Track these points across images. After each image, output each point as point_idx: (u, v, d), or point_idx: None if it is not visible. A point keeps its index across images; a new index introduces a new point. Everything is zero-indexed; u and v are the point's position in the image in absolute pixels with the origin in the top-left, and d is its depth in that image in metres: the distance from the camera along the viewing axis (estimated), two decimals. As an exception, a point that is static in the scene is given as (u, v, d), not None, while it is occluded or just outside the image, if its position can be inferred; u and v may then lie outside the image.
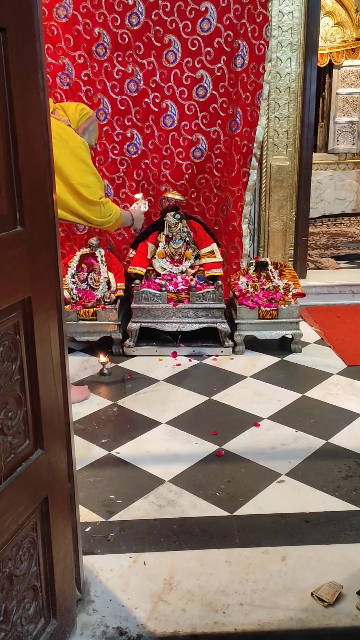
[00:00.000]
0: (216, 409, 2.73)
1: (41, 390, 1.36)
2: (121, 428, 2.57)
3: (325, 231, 5.53)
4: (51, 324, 1.38)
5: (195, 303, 3.29)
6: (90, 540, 1.90)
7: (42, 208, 1.31)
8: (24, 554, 1.36)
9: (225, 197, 3.65)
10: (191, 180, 3.65)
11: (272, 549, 1.85)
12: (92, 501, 2.09)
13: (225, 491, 2.13)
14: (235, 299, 3.35)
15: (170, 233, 3.49)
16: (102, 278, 3.38)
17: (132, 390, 2.92)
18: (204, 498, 2.10)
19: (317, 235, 5.40)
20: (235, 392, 2.90)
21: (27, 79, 1.21)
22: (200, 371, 3.15)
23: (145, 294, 3.29)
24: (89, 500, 2.10)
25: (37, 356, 1.33)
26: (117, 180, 3.63)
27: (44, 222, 1.32)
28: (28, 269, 1.28)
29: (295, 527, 1.95)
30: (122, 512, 2.03)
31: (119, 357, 3.30)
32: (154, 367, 3.18)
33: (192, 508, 2.05)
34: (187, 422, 2.61)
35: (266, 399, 2.81)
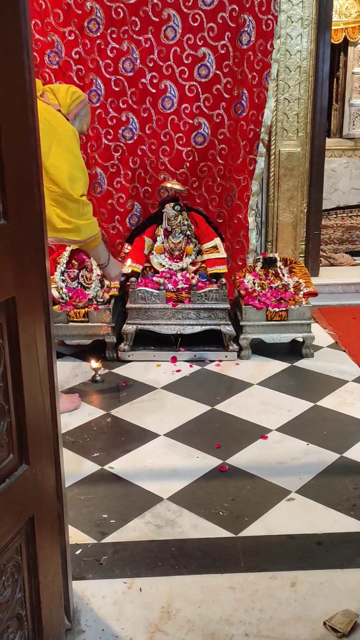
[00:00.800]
0: (220, 420, 2.73)
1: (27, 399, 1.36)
2: (115, 440, 2.57)
3: (340, 224, 5.53)
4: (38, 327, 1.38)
5: (197, 303, 3.30)
6: (80, 564, 1.90)
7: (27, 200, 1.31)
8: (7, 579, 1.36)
9: (230, 187, 3.66)
10: (192, 169, 3.66)
11: (281, 573, 1.85)
12: (83, 521, 2.09)
13: (229, 510, 2.13)
14: (241, 299, 3.35)
15: (170, 226, 3.50)
16: (95, 276, 3.38)
17: (128, 399, 2.92)
18: (206, 517, 2.10)
19: (331, 229, 5.41)
20: (240, 401, 2.90)
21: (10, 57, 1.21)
22: (202, 378, 3.15)
23: (141, 294, 3.30)
24: (80, 520, 2.10)
25: (22, 362, 1.33)
26: (111, 169, 3.64)
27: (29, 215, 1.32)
28: (12, 266, 1.28)
29: (306, 549, 1.95)
30: (116, 533, 2.04)
31: (112, 363, 3.31)
32: (152, 374, 3.19)
33: (193, 528, 2.05)
34: (187, 434, 2.61)
35: (275, 409, 2.81)
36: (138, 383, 3.09)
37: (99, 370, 3.11)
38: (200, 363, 3.30)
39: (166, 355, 3.32)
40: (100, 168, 3.63)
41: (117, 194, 3.67)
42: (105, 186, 3.66)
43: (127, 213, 3.71)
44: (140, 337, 3.39)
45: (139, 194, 3.72)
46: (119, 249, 3.73)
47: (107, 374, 3.19)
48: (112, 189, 3.68)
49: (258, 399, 2.91)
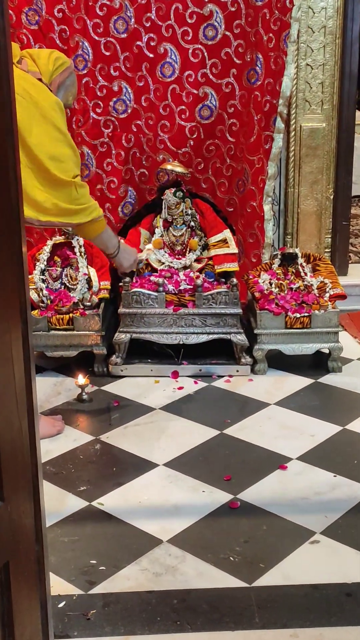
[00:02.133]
0: (230, 447, 2.73)
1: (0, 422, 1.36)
2: (105, 471, 2.57)
3: (373, 213, 5.54)
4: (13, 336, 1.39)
5: (203, 308, 3.31)
6: (64, 619, 1.90)
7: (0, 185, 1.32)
8: (-23, 637, 1.36)
9: (242, 169, 3.67)
10: (197, 148, 3.67)
11: (303, 630, 1.85)
12: (67, 568, 2.09)
13: (241, 555, 2.13)
14: (255, 303, 3.36)
15: (170, 216, 3.51)
16: (81, 275, 3.39)
17: (120, 422, 2.92)
18: (214, 564, 2.10)
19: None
20: (254, 424, 2.90)
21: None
22: (209, 397, 3.15)
23: (137, 296, 3.31)
24: (64, 566, 2.10)
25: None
26: (100, 148, 3.65)
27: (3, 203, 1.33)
28: (-17, 265, 1.29)
29: (333, 602, 1.94)
30: (106, 582, 2.04)
31: (102, 378, 3.31)
32: (149, 392, 3.19)
33: (198, 577, 2.05)
34: (191, 463, 2.61)
35: (296, 434, 2.81)
36: (132, 403, 3.09)
37: (86, 387, 3.12)
38: (207, 379, 3.30)
39: (166, 370, 3.33)
40: (87, 147, 3.64)
41: (108, 177, 3.68)
42: (93, 168, 3.68)
43: (120, 200, 3.72)
44: (136, 348, 3.39)
45: (133, 178, 3.73)
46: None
47: (95, 391, 3.20)
48: (101, 172, 3.69)
49: (276, 422, 2.91)
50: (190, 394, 3.17)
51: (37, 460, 1.49)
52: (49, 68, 2.57)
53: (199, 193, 3.71)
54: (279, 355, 3.38)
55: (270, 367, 3.37)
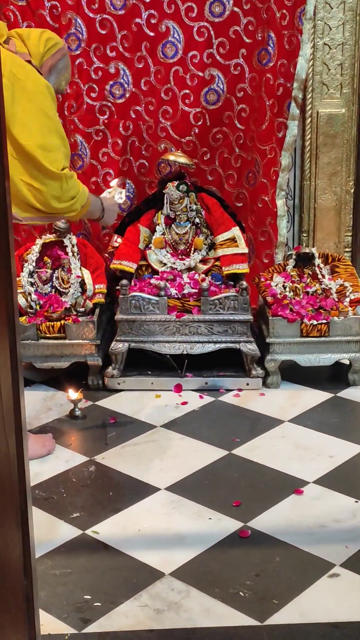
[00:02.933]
0: (239, 469, 2.73)
1: (-16, 441, 1.36)
2: (101, 496, 2.57)
3: None
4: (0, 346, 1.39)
5: (209, 314, 3.31)
6: (55, 661, 1.90)
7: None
8: None
9: (252, 160, 3.68)
10: (203, 136, 3.68)
11: (322, 675, 1.84)
12: (59, 604, 2.09)
13: (252, 589, 2.13)
14: (267, 308, 3.36)
15: (173, 212, 3.51)
16: (74, 277, 3.40)
17: (117, 441, 2.92)
18: (222, 599, 2.09)
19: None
20: (267, 443, 2.90)
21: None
22: (217, 413, 3.15)
23: (136, 301, 3.31)
24: (55, 602, 2.09)
25: (-22, 392, 1.33)
26: (95, 136, 3.66)
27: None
28: (-34, 266, 1.29)
29: (355, 642, 1.94)
30: (102, 619, 2.03)
31: (97, 393, 3.31)
32: (149, 407, 3.19)
33: (204, 614, 2.04)
34: (196, 487, 2.61)
35: (312, 454, 2.81)
36: (131, 420, 3.09)
37: (79, 402, 3.12)
38: (214, 393, 3.30)
39: (168, 383, 3.33)
40: (81, 136, 3.65)
41: (104, 169, 3.69)
42: (87, 159, 3.69)
43: (117, 194, 3.73)
44: (134, 358, 3.39)
45: (132, 170, 3.74)
46: (105, 242, 3.75)
47: (89, 407, 3.19)
48: (96, 163, 3.70)
49: (290, 441, 2.91)
50: (195, 409, 3.17)
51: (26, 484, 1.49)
52: (40, 49, 2.57)
53: (205, 186, 3.71)
54: (294, 367, 3.37)
55: (284, 380, 3.37)
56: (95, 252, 3.51)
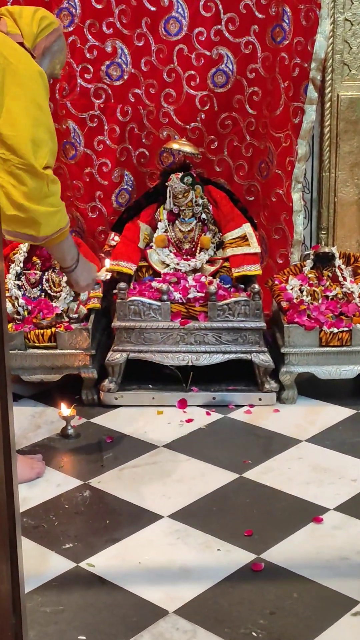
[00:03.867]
0: (251, 494, 2.73)
1: (-30, 463, 1.37)
2: (96, 525, 2.58)
3: None
4: (-14, 358, 1.40)
5: (217, 321, 3.33)
6: None
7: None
8: None
9: (265, 149, 3.69)
10: (210, 122, 3.70)
11: None
12: (50, 644, 2.10)
13: (267, 629, 2.13)
14: (282, 314, 3.38)
15: (177, 207, 3.53)
16: (66, 280, 3.41)
17: (115, 463, 2.93)
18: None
19: None
20: (282, 465, 2.90)
21: None
22: (225, 431, 3.16)
23: (135, 306, 3.32)
24: (45, 642, 2.10)
25: None
26: (90, 122, 3.68)
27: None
28: None
29: None
30: (99, 662, 2.04)
31: (92, 409, 3.32)
32: (150, 425, 3.20)
33: (213, 656, 2.05)
34: (203, 515, 2.62)
35: (333, 478, 2.82)
36: (130, 439, 3.10)
37: (72, 419, 3.13)
38: (222, 409, 3.31)
39: (171, 398, 3.34)
40: (74, 122, 3.67)
41: (99, 159, 3.71)
42: (81, 148, 3.70)
43: (114, 187, 3.75)
44: (134, 370, 3.41)
45: (130, 160, 3.76)
46: (101, 241, 3.76)
47: (83, 425, 3.21)
48: (91, 152, 3.72)
49: (308, 464, 2.92)
50: (201, 428, 3.18)
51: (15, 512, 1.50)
52: (33, 30, 2.57)
53: (212, 178, 3.73)
54: (312, 380, 3.39)
55: (300, 395, 3.38)
56: (89, 252, 3.51)
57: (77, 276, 2.72)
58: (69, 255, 2.64)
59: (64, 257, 2.65)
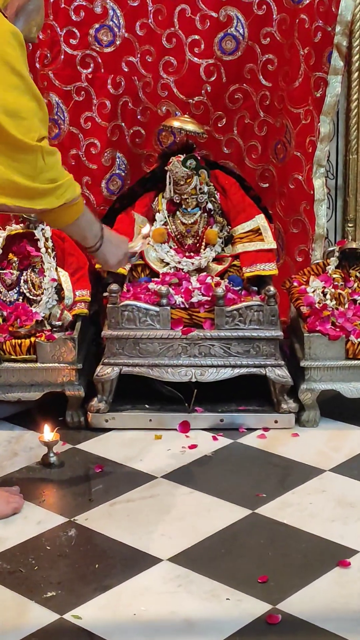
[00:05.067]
0: (266, 533, 2.73)
1: None
2: (84, 570, 2.57)
3: None
4: None
5: (226, 329, 3.33)
6: None
7: None
8: None
9: (282, 127, 3.70)
10: (217, 96, 3.70)
11: None
12: None
13: None
14: (302, 322, 3.38)
15: (178, 195, 3.53)
16: (48, 281, 3.41)
17: (105, 496, 2.93)
18: None
19: None
20: (302, 499, 2.90)
21: None
22: (235, 459, 3.16)
23: (129, 312, 3.32)
24: None
25: None
26: (75, 96, 3.68)
27: None
28: None
29: None
30: None
31: (79, 433, 3.33)
32: (147, 452, 3.21)
33: None
34: (209, 558, 2.61)
35: (362, 514, 2.84)
36: (123, 468, 3.10)
37: (55, 445, 3.13)
38: (232, 433, 3.31)
39: (172, 420, 3.35)
40: (57, 95, 3.68)
41: (87, 139, 3.71)
42: (65, 126, 3.71)
43: (104, 172, 3.75)
44: (127, 387, 3.42)
45: (124, 139, 3.76)
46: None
47: (68, 451, 3.21)
48: (77, 131, 3.72)
49: (333, 497, 2.91)
50: (207, 455, 3.18)
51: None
52: None
53: (220, 161, 3.74)
54: (337, 399, 3.39)
55: (323, 417, 3.39)
56: (76, 248, 3.51)
57: (104, 255, 2.72)
58: (90, 234, 2.65)
59: (84, 236, 2.66)
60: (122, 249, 2.77)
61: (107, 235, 2.70)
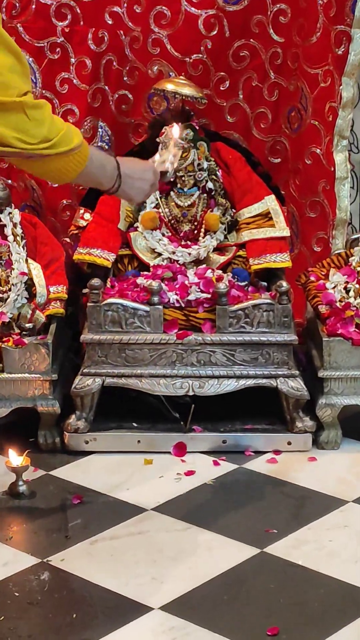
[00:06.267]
0: (277, 577, 2.73)
1: None
2: (59, 620, 2.56)
3: None
4: None
5: (229, 332, 3.33)
6: None
7: None
8: None
9: (297, 91, 3.70)
10: (219, 54, 3.71)
11: None
12: None
13: None
14: (321, 324, 3.38)
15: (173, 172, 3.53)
16: (16, 275, 3.41)
17: (85, 533, 2.92)
18: None
19: None
20: (321, 537, 2.90)
21: None
22: (241, 488, 3.17)
23: (114, 312, 3.32)
24: None
25: None
26: (49, 53, 3.70)
27: None
28: None
29: None
30: None
31: (53, 456, 3.33)
32: (135, 480, 3.20)
33: None
34: (210, 606, 2.61)
35: (391, 554, 2.83)
36: (106, 499, 3.10)
37: (25, 471, 3.14)
38: (236, 457, 3.32)
39: (164, 442, 3.35)
40: (28, 52, 3.67)
41: (63, 104, 3.72)
42: (38, 89, 3.71)
43: (84, 144, 3.76)
44: (111, 402, 3.42)
45: (107, 105, 3.78)
46: (65, 219, 3.79)
47: (41, 479, 3.21)
48: (51, 95, 3.72)
49: (356, 533, 2.91)
50: (206, 483, 3.18)
51: None
52: None
53: (222, 132, 3.74)
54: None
55: (346, 437, 3.40)
56: (50, 236, 3.52)
57: (126, 194, 2.75)
58: (104, 178, 2.66)
59: (98, 182, 2.69)
60: (146, 179, 2.76)
61: (125, 171, 2.69)
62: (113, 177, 2.66)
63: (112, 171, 2.66)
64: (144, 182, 2.76)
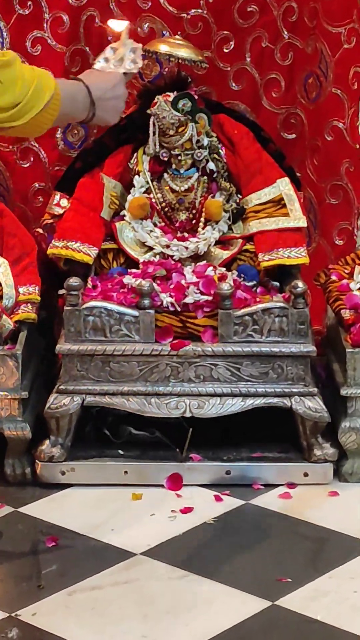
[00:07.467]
0: (291, 634, 2.73)
1: None
2: None
3: None
4: None
5: (234, 342, 3.35)
6: None
7: None
8: None
9: (315, 54, 3.72)
10: (221, 8, 3.74)
11: None
12: None
13: None
14: (343, 332, 3.40)
15: (167, 150, 3.54)
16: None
17: (61, 582, 2.93)
18: None
19: None
20: (342, 587, 2.91)
21: None
22: (248, 528, 3.18)
23: (96, 318, 3.33)
24: None
25: None
26: (18, 7, 3.73)
27: None
28: None
29: None
30: None
31: (23, 490, 3.35)
32: (120, 518, 3.22)
33: None
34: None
35: None
36: (86, 541, 3.10)
37: (-10, 508, 3.15)
38: (243, 491, 3.33)
39: (157, 472, 3.36)
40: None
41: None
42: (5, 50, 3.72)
43: (60, 117, 3.78)
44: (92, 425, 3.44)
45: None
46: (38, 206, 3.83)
47: (9, 517, 3.22)
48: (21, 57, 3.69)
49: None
50: (207, 522, 3.19)
51: None
52: None
53: (226, 103, 3.75)
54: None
55: (373, 467, 3.42)
56: (19, 226, 3.53)
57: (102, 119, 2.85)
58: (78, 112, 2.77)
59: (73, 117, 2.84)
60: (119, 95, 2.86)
61: (96, 94, 2.76)
62: (86, 106, 2.76)
63: (85, 100, 2.75)
64: (117, 101, 2.86)
